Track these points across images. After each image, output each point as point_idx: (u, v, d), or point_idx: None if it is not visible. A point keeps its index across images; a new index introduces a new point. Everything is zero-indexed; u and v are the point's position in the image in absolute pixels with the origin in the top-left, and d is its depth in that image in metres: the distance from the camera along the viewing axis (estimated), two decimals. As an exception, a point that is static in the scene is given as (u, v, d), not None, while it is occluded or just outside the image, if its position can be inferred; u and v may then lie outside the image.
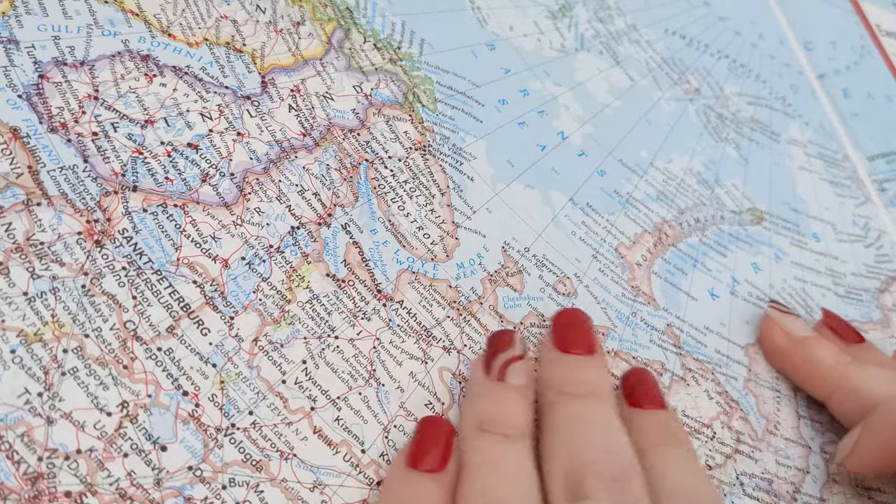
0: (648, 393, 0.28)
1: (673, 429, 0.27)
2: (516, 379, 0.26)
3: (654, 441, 0.26)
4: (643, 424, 0.27)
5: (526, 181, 0.33)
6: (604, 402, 0.26)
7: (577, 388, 0.26)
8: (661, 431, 0.27)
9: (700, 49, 0.46)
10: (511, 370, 0.26)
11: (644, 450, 0.26)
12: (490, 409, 0.25)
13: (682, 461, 0.26)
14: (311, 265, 0.27)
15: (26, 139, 0.24)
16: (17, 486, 0.20)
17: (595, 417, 0.26)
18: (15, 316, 0.22)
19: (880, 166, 0.46)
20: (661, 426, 0.27)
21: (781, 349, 0.33)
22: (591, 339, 0.28)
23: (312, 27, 0.32)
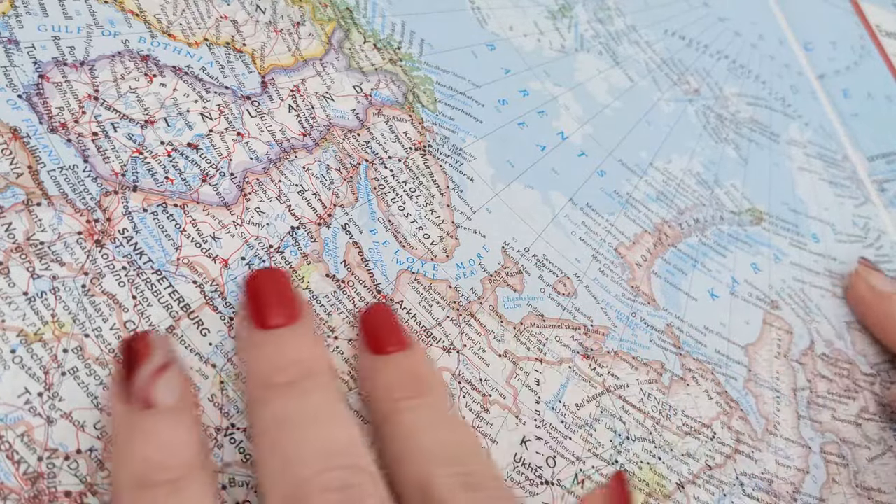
0: (388, 332, 0.25)
1: (420, 373, 0.24)
2: (167, 397, 0.20)
3: (399, 394, 0.23)
4: (385, 375, 0.24)
5: (526, 181, 0.33)
6: (317, 385, 0.22)
7: (287, 373, 0.22)
8: (404, 380, 0.24)
9: (700, 50, 0.46)
10: (157, 388, 0.20)
11: (390, 411, 0.23)
12: (144, 453, 0.19)
13: (432, 415, 0.24)
14: (310, 265, 0.27)
15: (26, 139, 0.24)
16: (17, 486, 0.20)
17: (309, 410, 0.21)
18: (15, 316, 0.22)
19: (880, 166, 0.46)
20: (404, 374, 0.24)
21: (866, 301, 0.37)
22: (288, 299, 0.23)
23: (312, 27, 0.32)
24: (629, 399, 0.30)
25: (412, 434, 0.23)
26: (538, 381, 0.29)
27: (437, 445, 0.23)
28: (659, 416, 0.30)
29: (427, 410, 0.24)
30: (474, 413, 0.27)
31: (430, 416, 0.24)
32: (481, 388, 0.28)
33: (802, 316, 0.37)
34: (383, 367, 0.25)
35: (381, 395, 0.24)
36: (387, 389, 0.24)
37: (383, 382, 0.24)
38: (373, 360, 0.25)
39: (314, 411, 0.21)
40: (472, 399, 0.27)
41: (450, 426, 0.24)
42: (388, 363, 0.25)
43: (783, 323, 0.36)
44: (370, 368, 0.25)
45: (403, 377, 0.24)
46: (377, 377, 0.24)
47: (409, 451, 0.22)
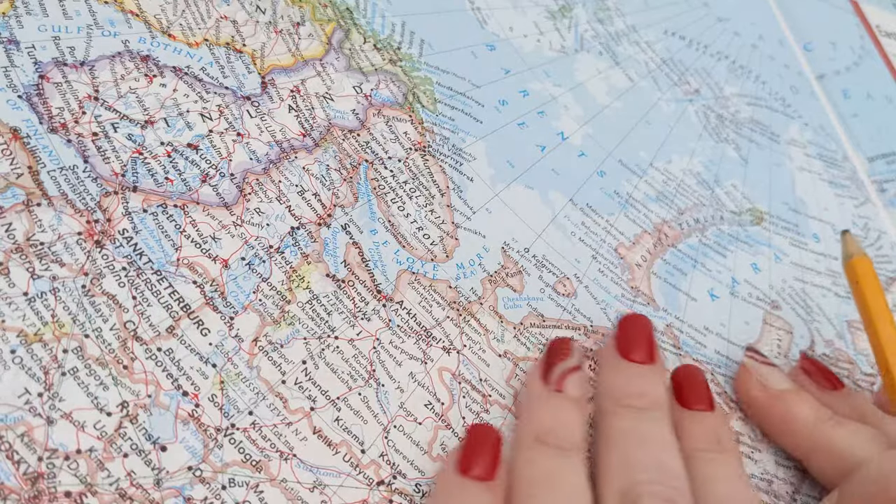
0: (697, 392, 0.28)
1: (720, 434, 0.27)
2: (574, 390, 0.26)
3: (701, 446, 0.26)
4: (691, 428, 0.27)
5: (526, 182, 0.33)
6: (660, 417, 0.26)
7: (636, 400, 0.26)
8: (708, 436, 0.27)
9: (700, 50, 0.46)
10: (569, 381, 0.26)
11: (690, 455, 0.26)
12: (547, 421, 0.25)
13: (729, 470, 0.26)
14: (310, 265, 0.27)
15: (26, 139, 0.24)
16: (17, 486, 0.20)
17: (650, 434, 0.26)
18: (15, 316, 0.22)
19: (880, 167, 0.46)
20: (708, 430, 0.27)
21: (758, 403, 0.31)
22: (652, 347, 0.28)
23: (312, 28, 0.32)
24: (629, 399, 0.30)
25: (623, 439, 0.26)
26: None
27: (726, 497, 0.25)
28: (659, 417, 0.30)
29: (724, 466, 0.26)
30: (474, 413, 0.27)
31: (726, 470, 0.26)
32: (481, 389, 0.28)
33: (803, 316, 0.37)
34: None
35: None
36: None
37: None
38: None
39: (653, 435, 0.26)
40: (472, 399, 0.27)
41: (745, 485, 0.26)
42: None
43: (783, 323, 0.36)
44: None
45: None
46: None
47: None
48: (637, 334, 0.28)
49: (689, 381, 0.29)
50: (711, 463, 0.26)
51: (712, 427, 0.27)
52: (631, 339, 0.28)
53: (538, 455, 0.24)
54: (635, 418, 0.26)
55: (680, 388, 0.28)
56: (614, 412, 0.26)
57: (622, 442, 0.25)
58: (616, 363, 0.28)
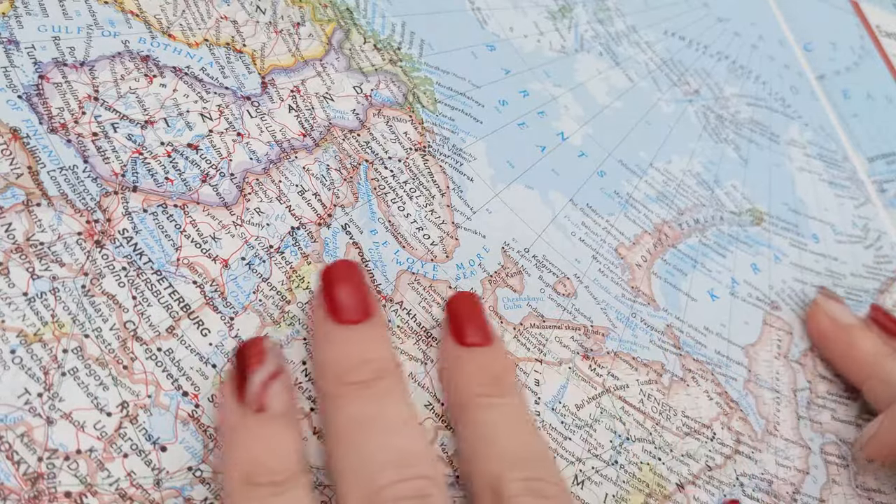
0: (471, 324, 0.26)
1: (498, 372, 0.25)
2: (279, 404, 0.22)
3: (477, 389, 0.24)
4: (465, 368, 0.25)
5: (526, 182, 0.33)
6: (391, 387, 0.23)
7: (358, 372, 0.22)
8: (483, 376, 0.25)
9: (699, 50, 0.46)
10: (271, 394, 0.21)
11: (466, 403, 0.24)
12: (255, 453, 0.21)
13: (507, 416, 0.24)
14: (311, 266, 0.27)
15: (26, 140, 0.24)
16: (17, 487, 0.20)
17: (382, 415, 0.22)
18: (15, 316, 0.22)
19: (880, 167, 0.46)
20: (483, 369, 0.25)
21: (826, 334, 0.35)
22: (365, 298, 0.23)
23: (312, 28, 0.32)
24: (629, 400, 0.30)
25: (487, 433, 0.23)
26: (538, 381, 0.29)
27: (511, 448, 0.23)
28: (659, 417, 0.30)
29: (502, 410, 0.24)
30: (474, 413, 0.27)
31: (505, 416, 0.24)
32: (481, 389, 0.28)
33: (803, 316, 0.37)
34: (466, 359, 0.25)
35: (459, 386, 0.25)
36: (467, 383, 0.25)
37: (464, 374, 0.25)
38: (455, 349, 0.25)
39: (390, 417, 0.22)
40: (472, 399, 0.27)
41: (523, 430, 0.25)
42: (470, 355, 0.25)
43: (783, 323, 0.36)
44: (453, 357, 0.26)
45: (484, 373, 0.25)
46: (459, 367, 0.25)
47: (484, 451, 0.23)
48: (343, 286, 0.24)
49: (462, 313, 0.26)
50: (488, 409, 0.24)
51: (487, 364, 0.25)
52: (339, 295, 0.23)
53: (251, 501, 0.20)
54: (362, 399, 0.22)
55: (452, 322, 0.26)
56: (337, 395, 0.22)
57: (352, 435, 0.22)
58: (327, 331, 0.23)
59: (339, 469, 0.22)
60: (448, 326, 0.26)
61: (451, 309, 0.27)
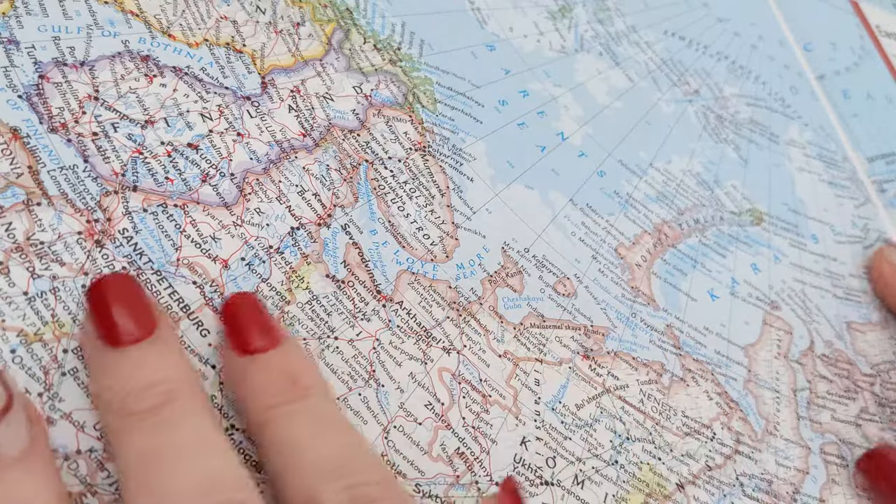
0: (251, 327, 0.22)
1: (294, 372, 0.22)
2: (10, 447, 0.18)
3: (272, 400, 0.21)
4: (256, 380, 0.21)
5: (526, 182, 0.33)
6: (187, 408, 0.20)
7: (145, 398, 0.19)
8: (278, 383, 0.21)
9: (699, 50, 0.46)
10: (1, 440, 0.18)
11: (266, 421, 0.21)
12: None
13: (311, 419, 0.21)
14: (310, 266, 0.27)
15: (26, 139, 0.24)
16: (16, 487, 0.20)
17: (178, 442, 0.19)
18: (15, 316, 0.22)
19: (880, 167, 0.46)
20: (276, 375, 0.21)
21: (885, 277, 0.38)
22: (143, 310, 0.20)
23: (312, 28, 0.32)
24: (629, 399, 0.30)
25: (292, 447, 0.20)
26: (538, 381, 0.29)
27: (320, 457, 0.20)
28: (659, 417, 0.30)
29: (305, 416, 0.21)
30: (474, 413, 0.27)
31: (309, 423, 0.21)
32: (481, 389, 0.28)
33: (802, 316, 0.37)
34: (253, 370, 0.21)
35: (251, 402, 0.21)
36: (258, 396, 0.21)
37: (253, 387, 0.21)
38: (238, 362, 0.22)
39: (184, 442, 0.19)
40: (472, 399, 0.27)
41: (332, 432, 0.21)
42: (256, 364, 0.21)
43: (783, 323, 0.36)
44: (238, 371, 0.22)
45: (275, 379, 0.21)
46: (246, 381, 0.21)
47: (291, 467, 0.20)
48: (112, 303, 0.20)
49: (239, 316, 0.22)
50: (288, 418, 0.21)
51: (280, 368, 0.22)
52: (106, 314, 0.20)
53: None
54: (150, 430, 0.19)
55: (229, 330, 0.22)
56: (121, 429, 0.19)
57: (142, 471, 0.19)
58: (101, 356, 0.20)
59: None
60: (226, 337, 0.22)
61: (226, 315, 0.23)
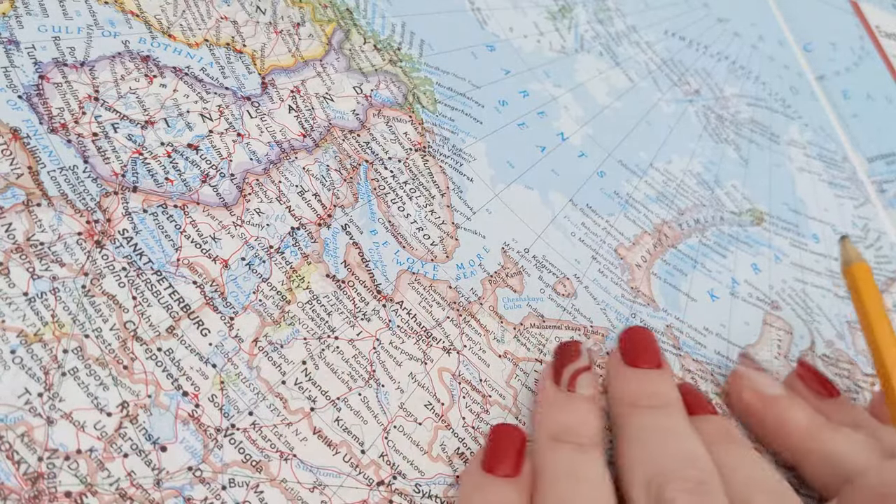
0: (701, 402, 0.29)
1: (730, 429, 0.28)
2: (586, 389, 0.27)
3: (716, 440, 0.27)
4: (704, 427, 0.27)
5: (526, 182, 0.33)
6: (675, 412, 0.27)
7: (650, 400, 0.27)
8: (721, 431, 0.27)
9: (700, 50, 0.46)
10: (580, 381, 0.27)
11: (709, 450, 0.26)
12: (563, 420, 0.26)
13: (749, 458, 0.27)
14: (311, 266, 0.27)
15: (26, 140, 0.24)
16: (17, 487, 0.20)
17: (669, 427, 0.26)
18: (15, 316, 0.22)
19: (880, 167, 0.46)
20: (719, 427, 0.28)
21: (751, 409, 0.30)
22: (658, 354, 0.28)
23: (312, 28, 0.32)
24: (629, 400, 0.30)
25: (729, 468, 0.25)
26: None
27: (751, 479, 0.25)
28: (659, 417, 0.30)
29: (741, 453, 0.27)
30: (474, 413, 0.27)
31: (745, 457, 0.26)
32: (481, 389, 0.28)
33: (803, 316, 0.37)
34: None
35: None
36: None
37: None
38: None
39: (671, 428, 0.26)
40: (472, 400, 0.27)
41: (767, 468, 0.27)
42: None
43: (783, 323, 0.36)
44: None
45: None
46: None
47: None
48: (641, 343, 0.29)
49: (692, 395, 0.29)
50: (728, 453, 0.26)
51: (722, 424, 0.28)
52: (636, 349, 0.28)
53: (558, 453, 0.25)
54: (653, 415, 0.27)
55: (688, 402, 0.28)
56: (630, 413, 0.27)
57: (643, 436, 0.26)
58: (624, 372, 0.28)
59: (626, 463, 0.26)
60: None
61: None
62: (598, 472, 0.25)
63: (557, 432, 0.26)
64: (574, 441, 0.25)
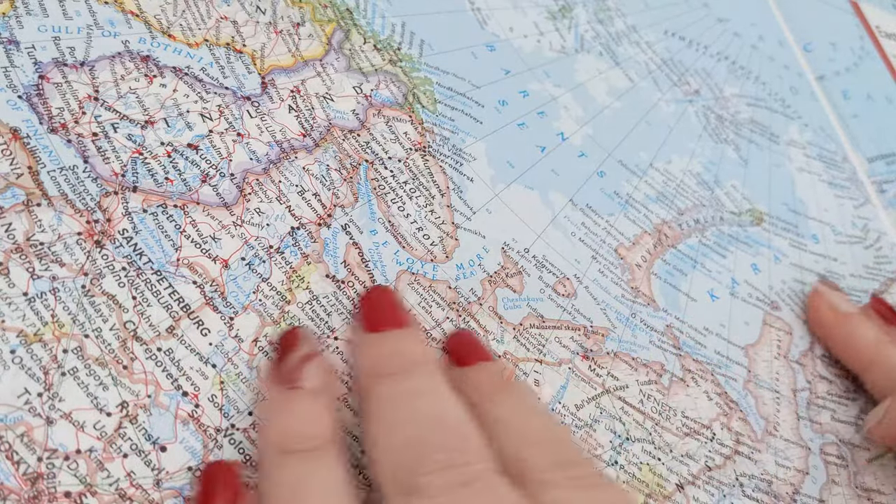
0: (473, 349, 0.27)
1: (506, 376, 0.26)
2: (311, 380, 0.23)
3: (487, 390, 0.24)
4: (475, 378, 0.25)
5: (526, 182, 0.33)
6: (425, 372, 0.24)
7: (393, 364, 0.24)
8: (492, 380, 0.25)
9: (700, 50, 0.46)
10: (304, 372, 0.23)
11: (482, 402, 0.24)
12: (287, 424, 0.22)
13: (524, 406, 0.25)
14: (310, 266, 0.27)
15: (26, 140, 0.24)
16: (16, 487, 0.20)
17: (417, 389, 0.23)
18: (15, 316, 0.22)
19: (880, 168, 0.46)
20: (492, 376, 0.25)
21: (826, 322, 0.35)
22: (399, 311, 0.25)
23: (312, 28, 0.32)
24: (629, 400, 0.30)
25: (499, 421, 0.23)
26: (538, 381, 0.29)
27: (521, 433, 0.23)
28: (658, 417, 0.30)
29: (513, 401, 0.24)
30: (474, 414, 0.27)
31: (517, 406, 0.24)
32: (481, 389, 0.28)
33: (802, 317, 0.37)
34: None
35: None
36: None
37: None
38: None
39: (420, 389, 0.23)
40: (472, 400, 0.27)
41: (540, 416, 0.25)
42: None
43: (783, 324, 0.36)
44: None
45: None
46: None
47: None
48: (380, 304, 0.26)
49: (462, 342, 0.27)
50: (503, 404, 0.24)
51: (495, 371, 0.26)
52: (374, 311, 0.25)
53: (284, 469, 0.21)
54: (395, 382, 0.23)
55: (455, 352, 0.27)
56: (370, 385, 0.23)
57: (386, 407, 0.22)
58: (365, 339, 0.25)
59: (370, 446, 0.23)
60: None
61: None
62: (331, 479, 0.21)
63: (282, 441, 0.22)
64: (301, 447, 0.22)
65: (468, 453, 0.21)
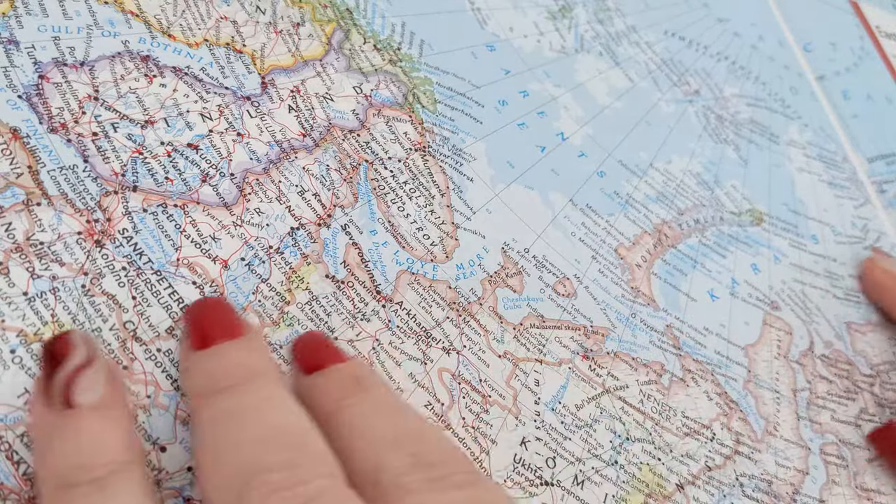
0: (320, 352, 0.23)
1: (359, 375, 0.23)
2: (88, 395, 0.19)
3: (338, 396, 0.22)
4: (324, 384, 0.22)
5: (526, 182, 0.33)
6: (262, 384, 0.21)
7: (226, 379, 0.20)
8: (343, 384, 0.22)
9: (699, 51, 0.46)
10: (77, 387, 0.19)
11: (332, 411, 0.21)
12: (66, 454, 0.18)
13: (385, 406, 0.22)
14: (310, 266, 0.27)
15: (26, 139, 0.24)
16: (16, 487, 0.20)
17: (251, 403, 0.20)
18: (15, 316, 0.22)
19: (880, 168, 0.46)
20: (342, 378, 0.22)
21: (881, 284, 0.39)
22: (234, 320, 0.22)
23: (312, 28, 0.32)
24: (629, 400, 0.30)
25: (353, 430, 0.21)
26: (538, 381, 0.29)
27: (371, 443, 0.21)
28: (658, 417, 0.30)
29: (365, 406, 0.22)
30: (474, 414, 0.27)
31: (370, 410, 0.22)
32: (481, 389, 0.28)
33: (802, 317, 0.37)
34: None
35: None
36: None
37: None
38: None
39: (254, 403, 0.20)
40: (472, 400, 0.27)
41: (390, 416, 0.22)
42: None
43: (783, 324, 0.36)
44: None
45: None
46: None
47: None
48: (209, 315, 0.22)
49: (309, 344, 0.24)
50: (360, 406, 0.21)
51: (348, 373, 0.23)
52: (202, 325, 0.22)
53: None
54: (226, 398, 0.20)
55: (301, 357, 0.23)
56: (200, 407, 0.20)
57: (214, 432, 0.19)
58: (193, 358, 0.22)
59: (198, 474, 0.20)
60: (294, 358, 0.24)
61: None
62: None
63: (63, 474, 0.18)
64: (88, 478, 0.18)
65: (307, 469, 0.18)
